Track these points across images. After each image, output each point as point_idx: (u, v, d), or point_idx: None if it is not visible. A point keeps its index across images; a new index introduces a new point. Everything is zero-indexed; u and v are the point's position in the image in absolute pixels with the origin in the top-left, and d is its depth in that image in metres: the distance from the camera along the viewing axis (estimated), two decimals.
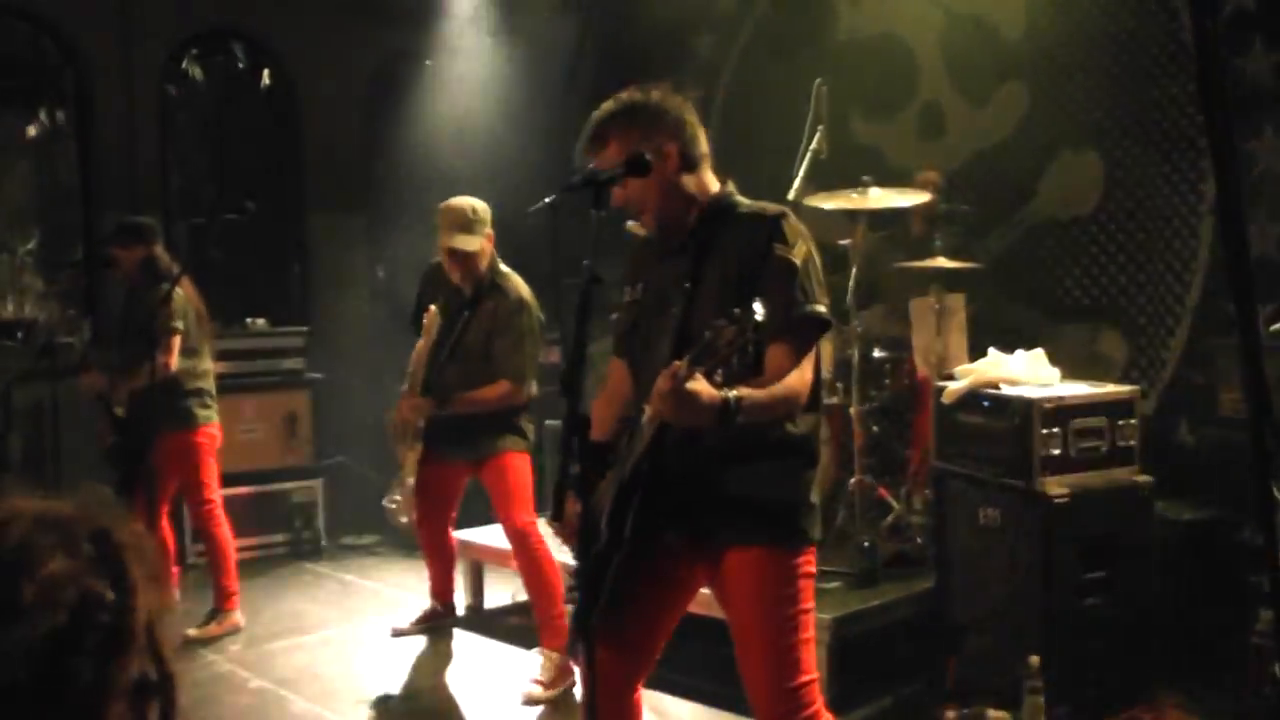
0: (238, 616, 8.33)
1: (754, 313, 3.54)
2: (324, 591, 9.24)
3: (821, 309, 4.14)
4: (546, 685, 6.94)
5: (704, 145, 4.39)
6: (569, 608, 4.93)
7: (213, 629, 8.17)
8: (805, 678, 4.18)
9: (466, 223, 7.19)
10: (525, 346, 7.24)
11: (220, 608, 8.29)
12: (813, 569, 4.29)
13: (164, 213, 10.70)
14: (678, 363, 3.72)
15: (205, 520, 8.31)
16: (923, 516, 7.55)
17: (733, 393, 3.78)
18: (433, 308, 7.37)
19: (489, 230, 7.28)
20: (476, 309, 7.26)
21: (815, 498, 4.33)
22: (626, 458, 4.16)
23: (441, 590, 8.11)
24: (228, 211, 9.02)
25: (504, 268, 7.37)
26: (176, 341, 7.96)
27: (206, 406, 8.26)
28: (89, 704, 1.61)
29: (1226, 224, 2.46)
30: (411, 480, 7.58)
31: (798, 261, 4.10)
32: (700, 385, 3.70)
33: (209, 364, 8.36)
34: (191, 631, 8.03)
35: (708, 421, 3.82)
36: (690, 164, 4.32)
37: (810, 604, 4.26)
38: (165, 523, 8.37)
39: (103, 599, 1.62)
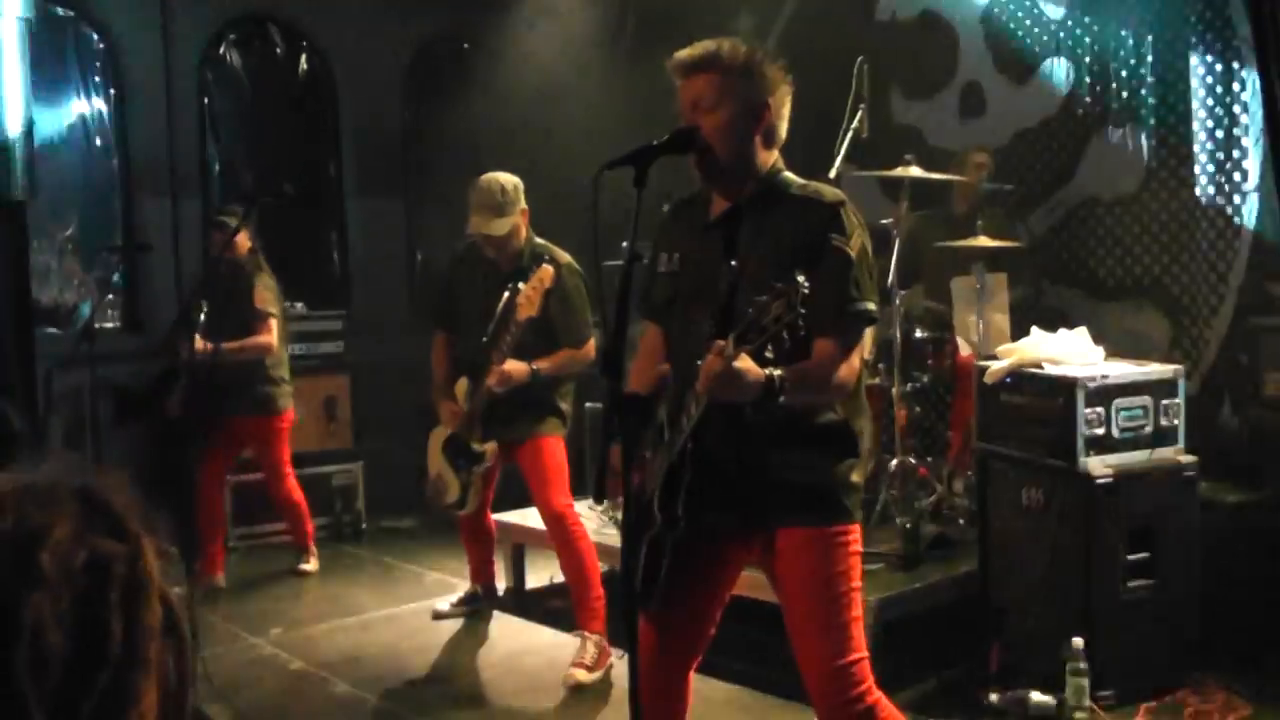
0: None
1: (800, 285, 3.56)
2: (365, 575, 9.24)
3: (872, 306, 4.12)
4: (589, 668, 6.91)
5: (784, 131, 4.35)
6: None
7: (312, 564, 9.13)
8: (856, 655, 4.19)
9: (497, 204, 7.09)
10: (579, 308, 7.15)
11: (309, 546, 9.15)
12: (859, 546, 4.30)
13: (203, 198, 10.73)
14: (722, 341, 3.74)
15: (291, 492, 8.96)
16: (965, 498, 7.53)
17: (777, 371, 3.80)
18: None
19: (523, 206, 7.19)
20: (519, 281, 7.08)
21: (858, 478, 4.31)
22: (673, 440, 4.16)
23: (481, 573, 8.11)
24: (266, 196, 9.06)
25: (540, 241, 7.30)
26: (274, 325, 8.53)
27: (286, 395, 8.78)
28: (130, 655, 1.59)
29: None
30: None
31: (853, 255, 4.08)
32: (746, 363, 3.75)
33: (286, 352, 8.86)
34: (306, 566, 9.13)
35: (750, 398, 3.85)
36: (770, 137, 4.28)
37: (858, 582, 4.27)
38: (220, 500, 8.63)
39: (114, 552, 1.61)
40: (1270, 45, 5.47)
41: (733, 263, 4.12)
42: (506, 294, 7.04)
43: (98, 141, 10.70)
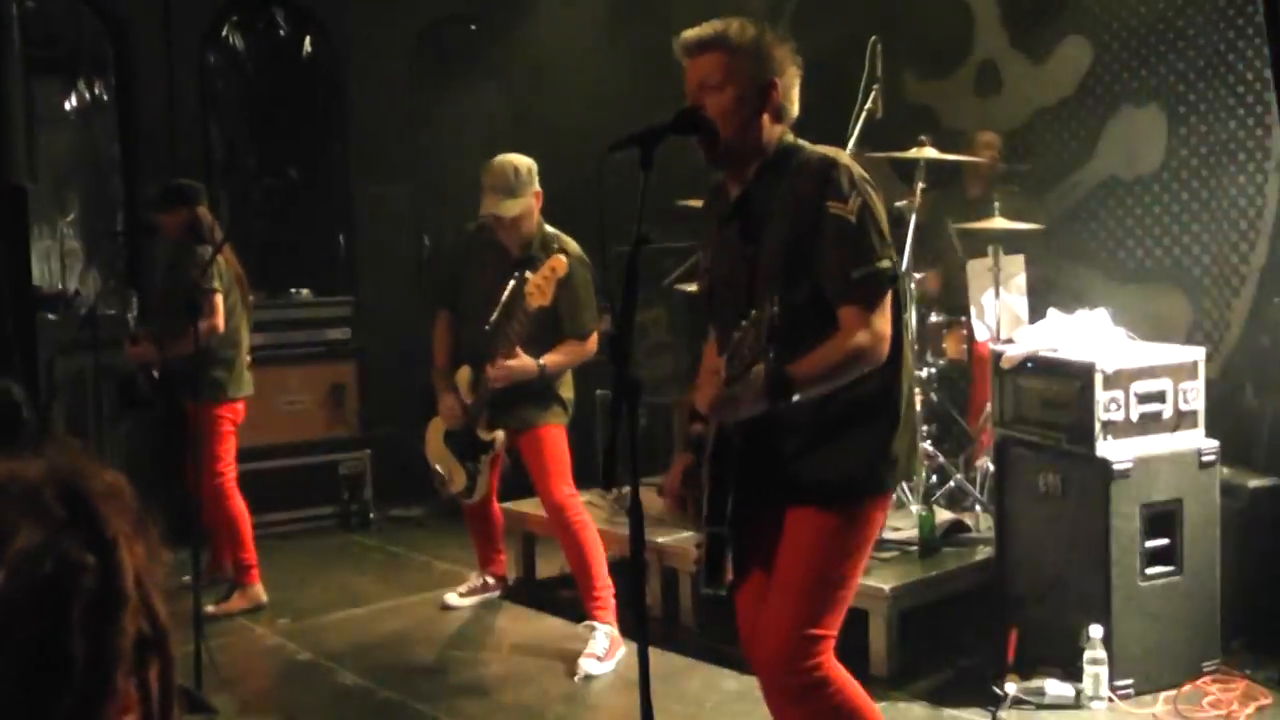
0: (259, 590, 8.20)
1: (771, 315, 3.62)
2: (372, 564, 9.17)
3: (885, 264, 4.05)
4: (599, 659, 6.84)
5: (796, 108, 4.30)
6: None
7: (235, 603, 8.07)
8: (822, 630, 4.16)
9: (509, 185, 6.95)
10: (586, 301, 7.06)
11: (240, 581, 8.16)
12: (872, 524, 4.30)
13: (205, 182, 10.61)
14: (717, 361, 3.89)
15: (216, 493, 8.05)
16: (982, 484, 7.44)
17: (785, 372, 3.87)
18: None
19: (536, 189, 7.05)
20: (531, 269, 6.92)
21: (899, 446, 4.26)
22: (709, 436, 4.19)
23: (489, 561, 8.04)
24: (270, 180, 8.96)
25: (550, 229, 7.17)
26: (219, 300, 7.84)
27: (235, 380, 8.11)
28: (95, 683, 1.48)
29: None
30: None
31: (853, 219, 4.00)
32: (740, 388, 3.85)
33: (244, 335, 8.22)
34: (210, 608, 7.68)
35: (763, 406, 3.90)
36: (778, 116, 4.23)
37: (860, 564, 4.29)
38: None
39: (83, 564, 1.49)
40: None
41: (749, 255, 4.08)
42: (513, 282, 6.93)
43: (99, 124, 10.63)
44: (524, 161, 7.06)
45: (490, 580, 8.09)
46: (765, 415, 4.02)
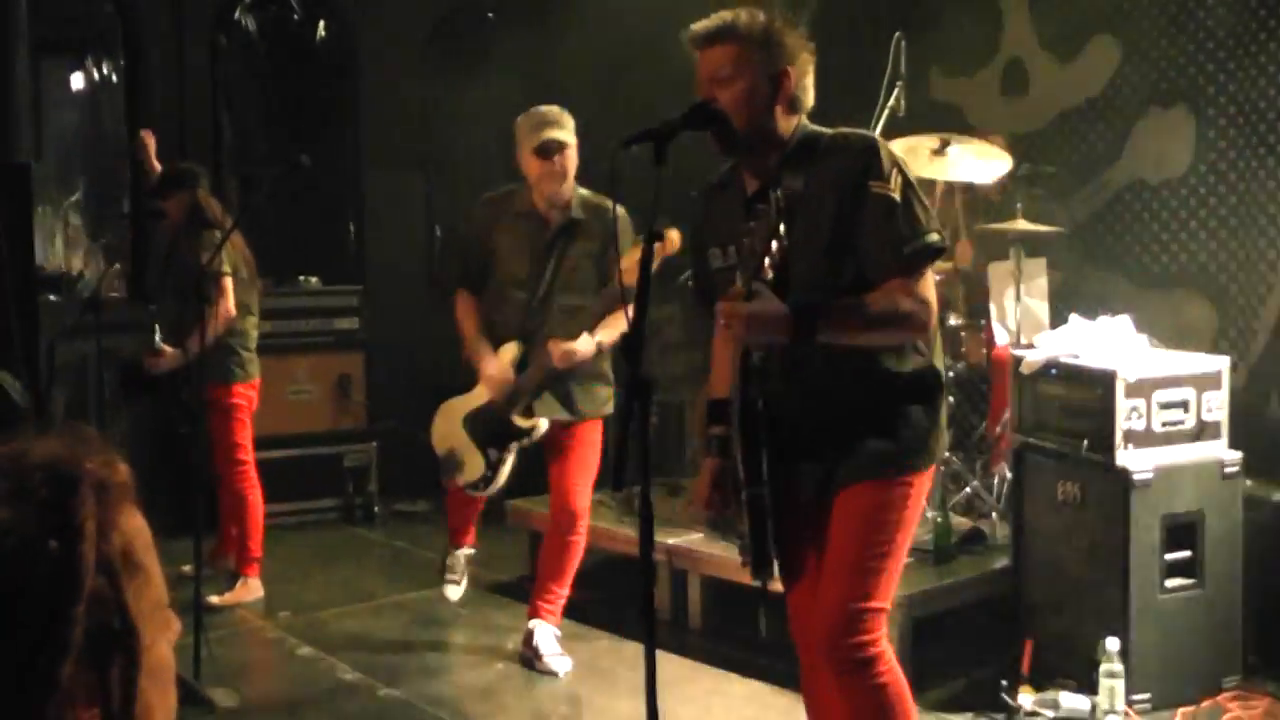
0: (258, 584, 8.15)
1: (776, 200, 3.73)
2: (376, 559, 9.13)
3: (933, 237, 4.07)
4: (561, 653, 6.86)
5: (811, 97, 4.29)
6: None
7: (238, 594, 8.03)
8: (876, 604, 4.18)
9: (560, 121, 6.53)
10: None
11: (242, 572, 8.11)
12: (921, 494, 4.33)
13: (215, 167, 10.52)
14: (735, 286, 3.85)
15: (236, 480, 8.04)
16: (1000, 492, 7.37)
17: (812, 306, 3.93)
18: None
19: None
20: (575, 234, 6.60)
21: (940, 421, 4.35)
22: (733, 398, 4.21)
23: (465, 534, 7.65)
24: (280, 166, 8.84)
25: (584, 190, 6.74)
26: (229, 284, 7.77)
27: (242, 365, 8.04)
28: (36, 668, 1.47)
29: None
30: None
31: (897, 196, 4.02)
32: (764, 300, 3.86)
33: (253, 319, 8.16)
34: (214, 598, 7.72)
35: (785, 333, 3.92)
36: (793, 106, 4.21)
37: (909, 532, 4.30)
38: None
39: (43, 549, 1.49)
40: None
41: (783, 244, 3.90)
42: (559, 256, 6.65)
43: (107, 106, 10.57)
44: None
45: (471, 551, 7.71)
46: (809, 391, 4.14)
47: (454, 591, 7.65)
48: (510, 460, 6.86)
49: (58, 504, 1.51)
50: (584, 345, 6.47)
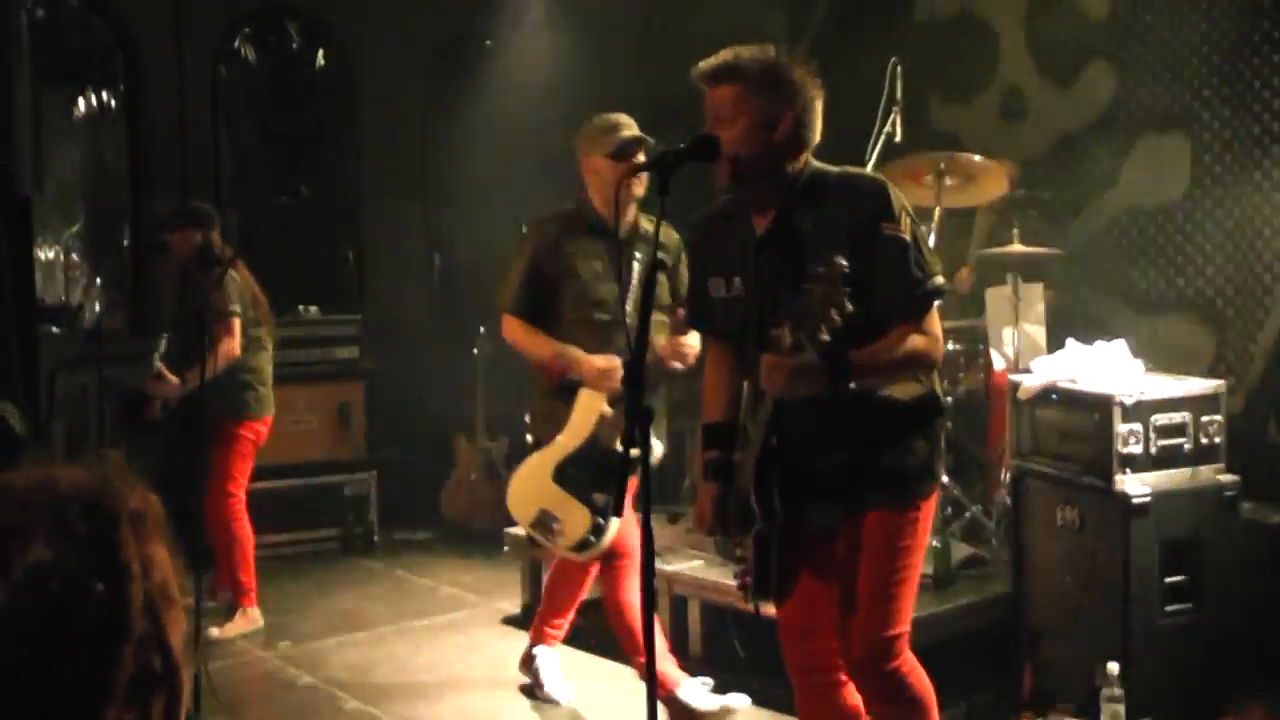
0: (257, 613, 8.13)
1: (839, 264, 3.72)
2: (377, 588, 9.08)
3: (939, 280, 4.21)
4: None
5: (817, 134, 4.34)
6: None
7: (237, 625, 8.01)
8: (901, 629, 4.38)
9: (627, 120, 6.21)
10: None
11: (239, 603, 8.07)
12: (929, 516, 4.53)
13: (215, 197, 10.53)
14: (780, 331, 3.89)
15: (224, 511, 7.98)
16: (999, 516, 7.36)
17: (845, 357, 3.98)
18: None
19: None
20: (639, 246, 6.17)
21: (941, 446, 4.53)
22: (756, 433, 4.28)
23: (558, 625, 7.00)
24: (281, 196, 8.88)
25: None
26: (236, 324, 7.81)
27: (257, 400, 8.08)
28: (80, 707, 1.44)
29: None
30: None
31: (908, 237, 4.14)
32: (807, 355, 3.88)
33: (266, 354, 8.22)
34: (214, 631, 7.74)
35: (821, 387, 4.00)
36: (798, 143, 4.26)
37: (921, 554, 4.48)
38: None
39: (90, 590, 1.46)
40: None
41: (847, 303, 3.93)
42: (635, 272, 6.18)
43: (107, 136, 10.58)
44: None
45: (555, 653, 6.98)
46: (814, 409, 4.15)
47: (565, 693, 6.90)
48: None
49: (100, 542, 1.49)
50: (695, 341, 5.96)
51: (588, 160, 6.25)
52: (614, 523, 6.01)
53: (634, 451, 5.78)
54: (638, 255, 6.15)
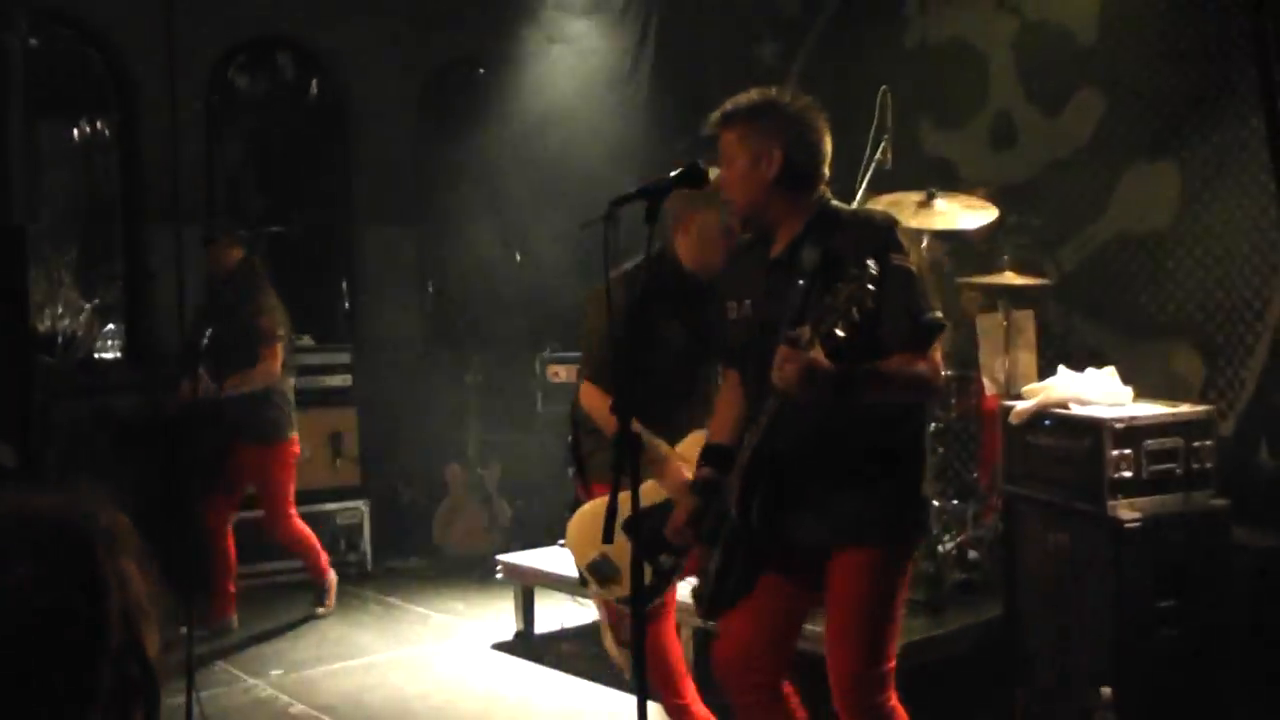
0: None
1: (870, 268, 3.85)
2: (369, 616, 9.06)
3: (939, 314, 4.35)
4: None
5: (825, 165, 4.50)
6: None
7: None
8: (886, 665, 4.50)
9: None
10: None
11: (325, 585, 8.82)
12: (909, 565, 4.68)
13: (207, 226, 10.54)
14: (802, 329, 3.97)
15: (294, 531, 8.65)
16: (991, 541, 7.37)
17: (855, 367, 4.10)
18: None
19: None
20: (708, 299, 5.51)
21: (927, 491, 4.65)
22: (750, 439, 4.41)
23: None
24: (272, 224, 8.93)
25: None
26: (280, 349, 8.27)
27: (289, 422, 8.51)
28: (66, 715, 1.51)
29: None
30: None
31: (914, 269, 4.29)
32: (819, 356, 3.98)
33: (291, 381, 8.63)
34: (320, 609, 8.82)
35: (826, 394, 4.06)
36: (795, 177, 4.41)
37: (904, 594, 4.61)
38: (229, 536, 8.54)
39: (72, 608, 1.53)
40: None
41: (799, 281, 4.24)
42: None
43: (101, 166, 10.60)
44: None
45: None
46: (800, 450, 4.34)
47: None
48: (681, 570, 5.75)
49: (77, 559, 1.55)
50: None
51: (699, 218, 5.75)
52: (668, 584, 5.60)
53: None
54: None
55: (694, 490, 4.70)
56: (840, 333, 3.88)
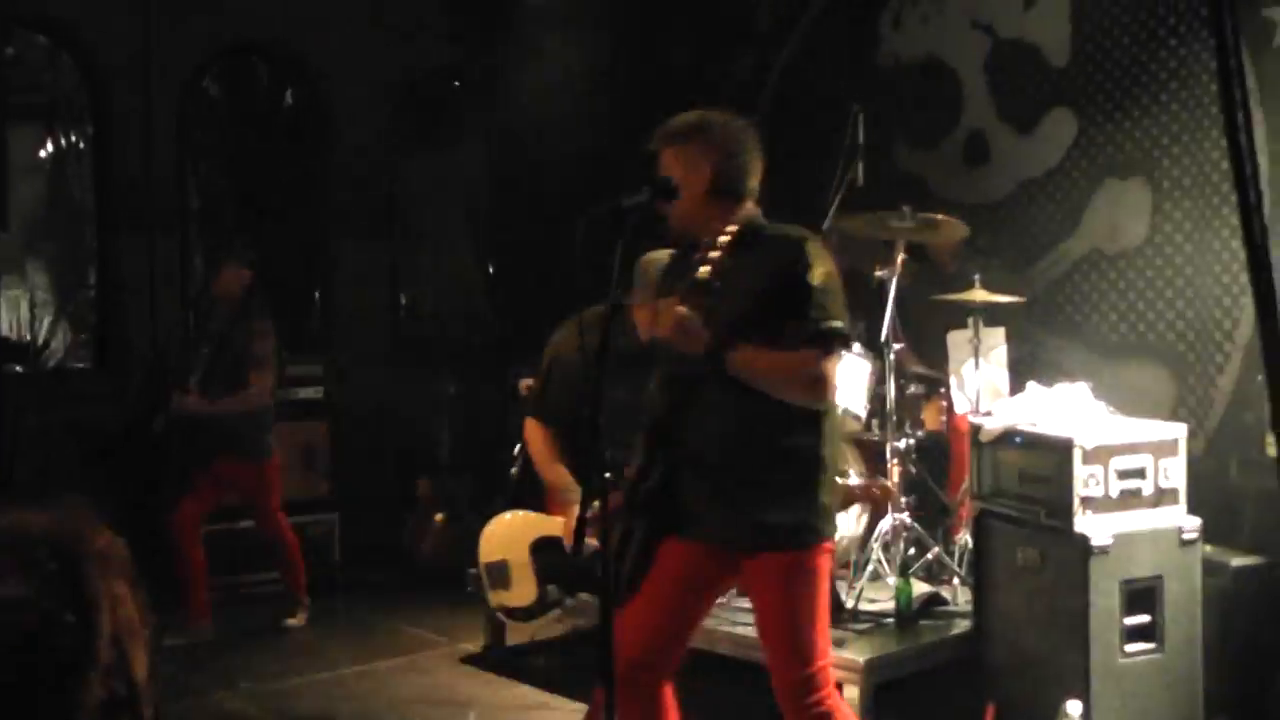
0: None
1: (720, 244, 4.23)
2: (340, 629, 9.03)
3: (838, 324, 4.50)
4: None
5: (754, 180, 4.71)
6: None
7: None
8: (820, 663, 4.62)
9: None
10: None
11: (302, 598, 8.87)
12: (828, 561, 4.78)
13: (181, 237, 10.52)
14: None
15: (286, 533, 8.86)
16: (961, 557, 7.39)
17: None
18: None
19: None
20: None
21: (828, 498, 4.70)
22: (648, 416, 4.74)
23: None
24: (246, 234, 8.94)
25: None
26: (271, 374, 8.49)
27: (272, 440, 8.68)
28: None
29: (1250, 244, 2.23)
30: None
31: (815, 282, 4.46)
32: (691, 312, 4.30)
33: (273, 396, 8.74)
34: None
35: (698, 347, 4.34)
36: (723, 190, 4.62)
37: (825, 594, 4.71)
38: (200, 545, 8.53)
39: (61, 624, 1.54)
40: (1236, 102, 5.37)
41: (714, 284, 4.36)
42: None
43: (74, 174, 10.58)
44: None
45: None
46: (701, 448, 4.58)
47: None
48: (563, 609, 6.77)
49: (68, 577, 1.56)
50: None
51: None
52: (548, 616, 6.85)
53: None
54: None
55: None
56: (707, 279, 4.19)
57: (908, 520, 7.44)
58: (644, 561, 4.64)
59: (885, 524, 7.33)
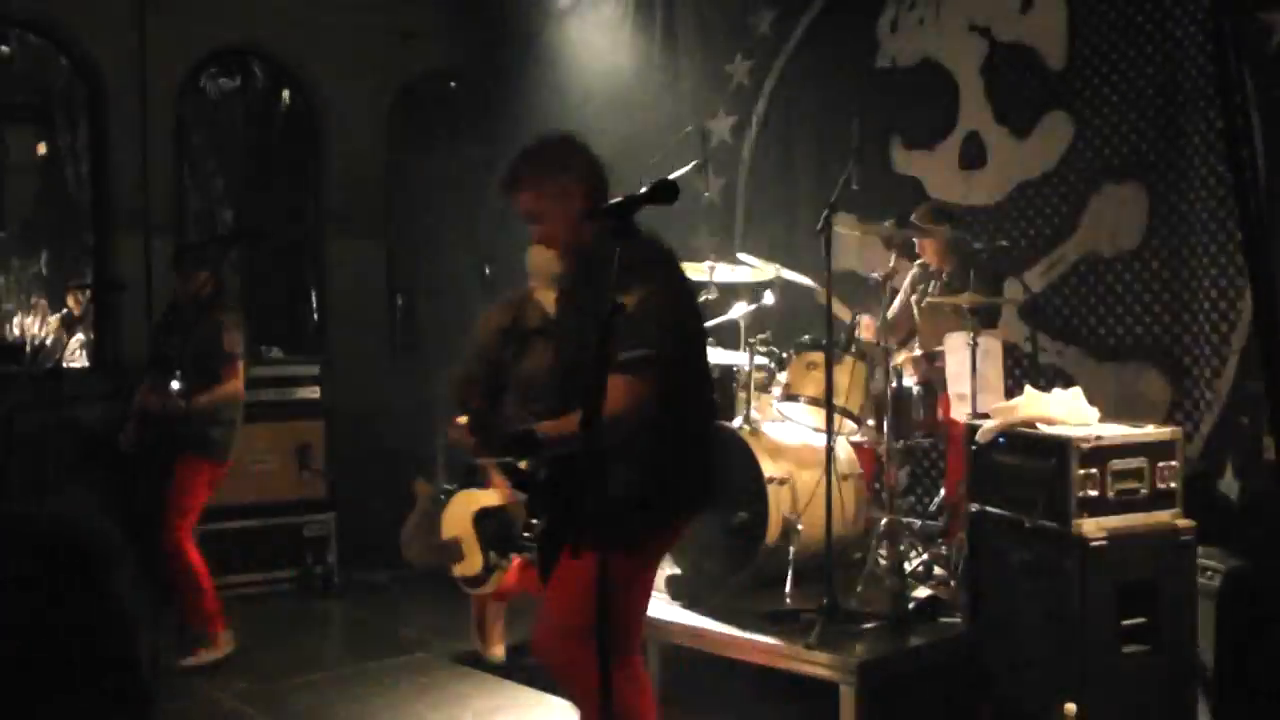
0: (228, 636, 8.17)
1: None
2: (335, 628, 9.07)
3: (639, 353, 4.56)
4: None
5: (572, 203, 4.87)
6: None
7: (209, 653, 8.05)
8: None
9: None
10: None
11: (210, 630, 8.12)
12: (632, 567, 4.84)
13: (177, 236, 10.51)
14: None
15: (178, 541, 8.00)
16: (956, 558, 7.39)
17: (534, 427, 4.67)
18: None
19: None
20: None
21: (655, 502, 4.82)
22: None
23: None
24: (242, 235, 8.90)
25: None
26: (240, 366, 8.15)
27: (227, 443, 8.24)
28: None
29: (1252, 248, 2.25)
30: None
31: (631, 308, 4.42)
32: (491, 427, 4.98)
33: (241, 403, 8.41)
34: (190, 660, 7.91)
35: (516, 451, 4.81)
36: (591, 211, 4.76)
37: (628, 596, 4.79)
38: (194, 552, 8.16)
39: (65, 620, 1.57)
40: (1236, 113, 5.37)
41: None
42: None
43: (71, 174, 10.57)
44: None
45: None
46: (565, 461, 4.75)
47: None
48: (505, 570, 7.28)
49: (72, 572, 1.59)
50: None
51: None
52: (494, 578, 7.33)
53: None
54: None
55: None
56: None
57: (904, 521, 7.45)
58: (552, 555, 4.84)
59: (882, 524, 7.33)
